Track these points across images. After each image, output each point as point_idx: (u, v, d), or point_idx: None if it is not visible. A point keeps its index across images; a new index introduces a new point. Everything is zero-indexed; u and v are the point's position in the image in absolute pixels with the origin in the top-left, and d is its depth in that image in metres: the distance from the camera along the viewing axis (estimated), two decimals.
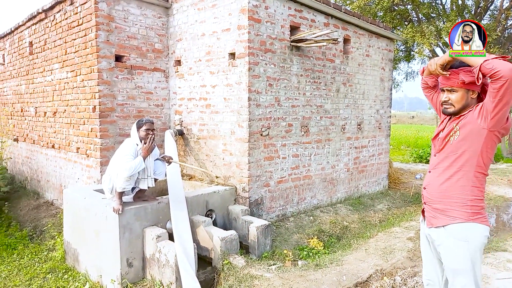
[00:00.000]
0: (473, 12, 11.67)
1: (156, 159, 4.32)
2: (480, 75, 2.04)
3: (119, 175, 3.87)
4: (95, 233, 4.41)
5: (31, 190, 7.90)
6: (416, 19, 12.65)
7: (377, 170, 7.62)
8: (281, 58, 5.34)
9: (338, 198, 6.63)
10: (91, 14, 5.32)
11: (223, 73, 5.27)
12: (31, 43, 7.43)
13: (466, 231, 2.16)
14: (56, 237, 5.38)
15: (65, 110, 6.34)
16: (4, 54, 9.02)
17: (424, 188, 2.42)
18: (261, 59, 5.07)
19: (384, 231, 5.48)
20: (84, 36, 5.53)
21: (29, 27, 7.41)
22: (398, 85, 16.08)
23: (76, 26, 5.70)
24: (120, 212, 3.97)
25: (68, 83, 6.14)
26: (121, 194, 4.02)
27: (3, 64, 9.11)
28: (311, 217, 5.86)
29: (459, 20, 11.46)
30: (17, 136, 8.67)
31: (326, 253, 4.92)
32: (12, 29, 8.16)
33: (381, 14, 11.80)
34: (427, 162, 12.62)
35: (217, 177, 4.46)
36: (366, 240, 5.11)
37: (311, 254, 4.87)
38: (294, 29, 5.54)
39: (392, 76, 7.93)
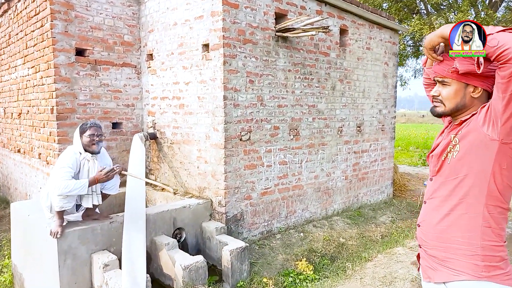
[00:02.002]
0: (487, 2, 10.75)
1: None
2: (481, 59, 1.39)
3: (54, 192, 3.17)
4: (39, 258, 3.72)
5: (2, 197, 7.28)
6: (425, 11, 11.78)
7: (380, 177, 6.82)
8: (264, 51, 4.59)
9: (334, 210, 5.86)
10: (46, 1, 4.63)
11: (197, 67, 4.55)
12: None
13: None
14: (6, 257, 4.72)
15: (28, 111, 5.68)
16: None
17: (418, 226, 1.71)
18: (240, 51, 4.32)
19: (385, 252, 4.70)
20: (41, 27, 4.85)
21: None
22: (406, 83, 15.19)
23: (34, 15, 5.03)
24: (58, 235, 3.27)
25: (29, 80, 5.47)
26: (61, 213, 3.32)
27: None
28: (302, 234, 5.10)
29: (472, 11, 10.58)
30: None
31: (315, 279, 4.16)
32: None
33: (386, 5, 10.95)
34: None
35: (175, 193, 3.76)
36: (363, 264, 4.34)
37: (297, 281, 4.12)
38: (280, 17, 4.78)
39: (396, 72, 7.12)
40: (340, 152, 5.86)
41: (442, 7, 11.04)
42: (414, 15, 11.42)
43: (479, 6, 10.41)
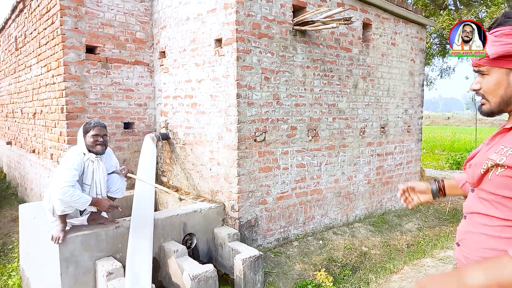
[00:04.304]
0: None
1: (112, 172, 3.42)
2: None
3: (55, 195, 2.98)
4: (43, 264, 3.56)
5: (20, 197, 7.28)
6: (454, 7, 11.18)
7: (406, 181, 6.39)
8: (281, 46, 4.31)
9: (356, 216, 5.50)
10: None
11: (209, 64, 4.31)
12: (16, 38, 6.80)
13: None
14: (16, 259, 4.60)
15: (41, 111, 5.60)
16: None
17: (458, 245, 1.38)
18: (254, 45, 4.06)
19: (412, 263, 4.32)
20: (52, 24, 4.73)
21: (14, 20, 6.78)
22: (432, 82, 14.53)
23: (45, 13, 4.93)
24: (60, 241, 3.08)
25: (42, 80, 5.38)
26: (63, 217, 3.14)
27: None
28: (321, 241, 4.78)
29: (505, 5, 9.94)
30: (10, 139, 8.11)
31: None
32: (3, 24, 7.59)
33: (412, 1, 10.43)
34: None
35: (180, 199, 3.52)
36: (388, 277, 3.98)
37: None
38: (298, 10, 4.49)
39: (423, 70, 6.68)
40: (363, 154, 5.50)
41: (472, 1, 10.43)
42: (441, 11, 10.85)
43: None
